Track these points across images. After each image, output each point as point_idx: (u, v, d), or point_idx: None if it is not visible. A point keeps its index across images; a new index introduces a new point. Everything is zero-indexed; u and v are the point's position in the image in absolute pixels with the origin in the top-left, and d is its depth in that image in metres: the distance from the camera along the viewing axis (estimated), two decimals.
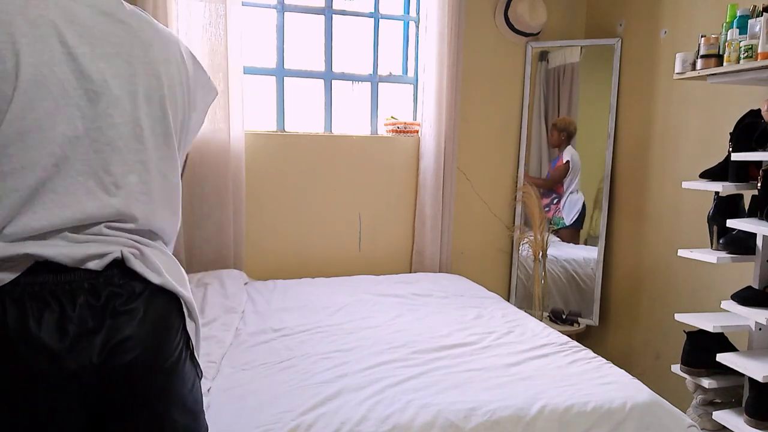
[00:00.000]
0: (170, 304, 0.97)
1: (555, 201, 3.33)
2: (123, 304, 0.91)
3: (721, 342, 2.13)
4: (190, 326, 1.01)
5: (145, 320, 0.92)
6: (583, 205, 3.28)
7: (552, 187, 3.33)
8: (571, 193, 3.29)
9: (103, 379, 0.89)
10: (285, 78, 3.03)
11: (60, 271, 0.88)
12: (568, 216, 3.30)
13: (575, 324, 3.17)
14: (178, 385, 0.98)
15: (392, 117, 3.20)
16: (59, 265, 0.88)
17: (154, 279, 0.94)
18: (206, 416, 1.48)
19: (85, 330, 0.87)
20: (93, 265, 0.90)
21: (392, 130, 3.17)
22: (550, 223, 3.32)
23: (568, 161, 3.29)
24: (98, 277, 0.90)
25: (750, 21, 1.96)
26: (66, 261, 0.88)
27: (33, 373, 0.86)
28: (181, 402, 0.98)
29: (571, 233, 3.32)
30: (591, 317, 3.21)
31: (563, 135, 3.28)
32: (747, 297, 1.95)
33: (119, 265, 0.92)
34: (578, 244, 3.32)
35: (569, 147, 3.30)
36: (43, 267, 0.88)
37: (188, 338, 1.01)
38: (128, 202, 0.94)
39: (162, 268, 0.95)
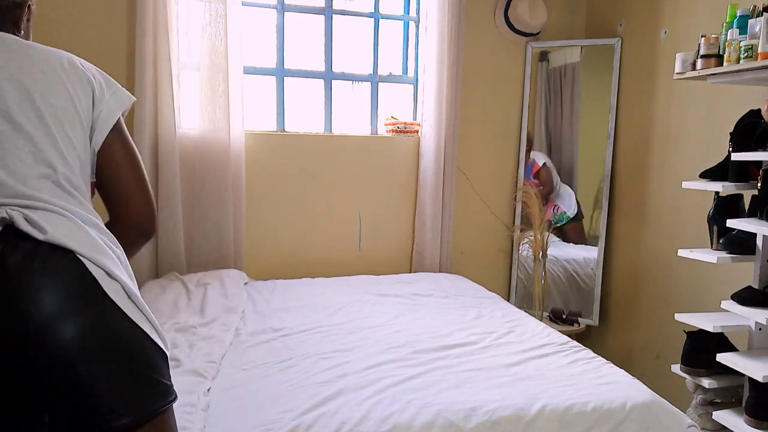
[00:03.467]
0: (61, 257, 0.92)
1: (546, 202, 3.34)
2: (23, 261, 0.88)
3: (721, 342, 2.13)
4: (108, 284, 0.93)
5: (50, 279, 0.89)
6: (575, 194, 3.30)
7: (549, 194, 3.34)
8: (562, 187, 3.30)
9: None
10: (285, 78, 3.03)
11: None
12: (569, 209, 3.30)
13: (575, 324, 3.17)
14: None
15: (392, 117, 3.20)
16: None
17: (39, 236, 0.91)
18: (206, 416, 1.49)
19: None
20: None
21: (392, 130, 3.17)
22: (554, 222, 3.32)
23: (545, 163, 3.32)
24: None
25: (750, 21, 1.96)
26: None
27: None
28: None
29: (576, 227, 3.31)
30: (591, 317, 3.21)
31: (527, 144, 3.33)
32: (747, 297, 1.95)
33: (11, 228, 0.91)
34: (583, 240, 3.32)
35: (534, 151, 3.33)
36: None
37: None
38: None
39: (47, 226, 0.92)
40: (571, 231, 3.35)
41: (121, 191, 1.13)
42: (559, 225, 3.33)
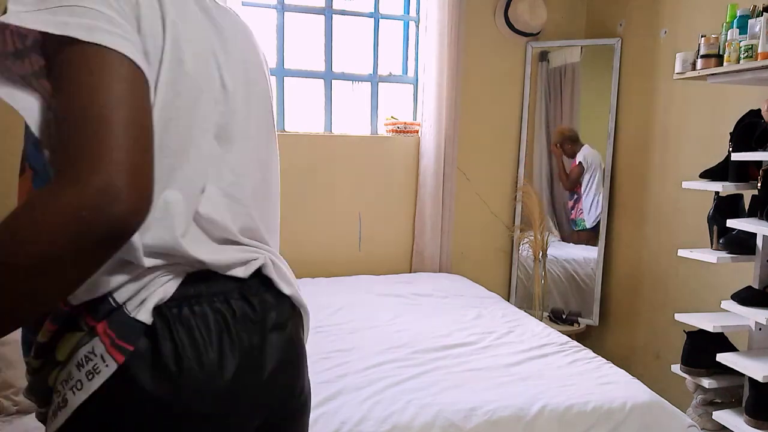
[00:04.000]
0: (298, 318, 0.90)
1: (576, 200, 3.33)
2: (274, 317, 0.82)
3: (721, 342, 2.13)
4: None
5: (287, 335, 0.84)
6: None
7: (571, 188, 3.34)
8: (594, 194, 3.26)
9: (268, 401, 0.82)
10: (285, 78, 3.03)
11: (209, 279, 0.76)
12: (590, 219, 3.29)
13: (575, 324, 3.17)
14: (309, 409, 0.95)
15: (392, 117, 3.20)
16: (208, 273, 0.76)
17: (285, 290, 0.85)
18: None
19: (253, 348, 0.78)
20: (239, 272, 0.78)
21: (392, 130, 3.17)
22: (575, 224, 3.33)
23: (580, 162, 3.30)
24: (244, 287, 0.79)
25: (750, 21, 1.96)
26: (217, 267, 0.76)
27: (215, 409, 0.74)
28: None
29: (590, 236, 3.29)
30: (591, 317, 3.21)
31: (568, 143, 3.30)
32: (747, 297, 1.95)
33: (257, 274, 0.82)
34: (584, 242, 3.31)
35: (583, 148, 3.29)
36: (192, 276, 0.75)
37: None
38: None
39: (291, 278, 0.88)
40: (584, 235, 3.33)
41: None
42: (577, 229, 3.33)
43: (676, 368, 2.20)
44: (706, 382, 2.08)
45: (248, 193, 0.82)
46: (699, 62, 2.13)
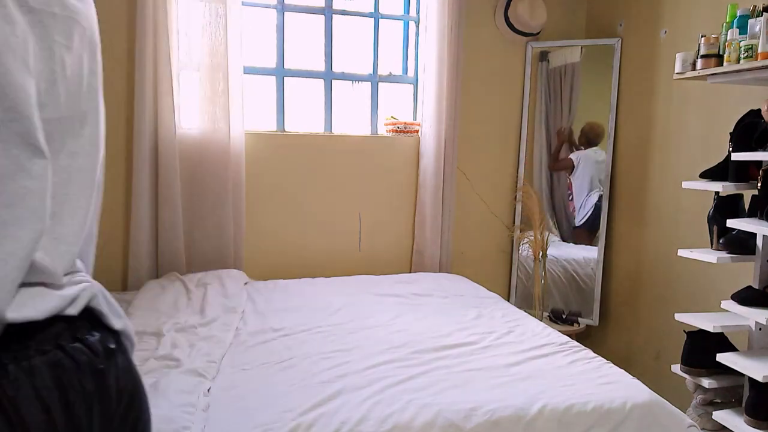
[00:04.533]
0: (130, 353, 0.73)
1: (570, 198, 3.34)
2: (111, 358, 0.67)
3: (721, 342, 2.13)
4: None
5: (128, 378, 0.69)
6: (596, 207, 3.22)
7: (553, 168, 3.34)
8: (585, 195, 3.26)
9: None
10: (285, 78, 3.03)
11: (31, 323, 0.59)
12: (578, 218, 3.29)
13: (575, 324, 3.17)
14: None
15: (392, 117, 3.20)
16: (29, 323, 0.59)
17: (116, 324, 0.69)
18: (206, 416, 1.49)
19: (102, 398, 0.63)
20: (69, 310, 0.63)
21: (392, 130, 3.17)
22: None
23: (571, 158, 3.30)
24: (74, 326, 0.63)
25: (750, 21, 1.96)
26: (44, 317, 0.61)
27: None
28: None
29: (584, 234, 3.29)
30: (591, 317, 3.21)
31: (584, 137, 3.29)
32: (747, 297, 1.95)
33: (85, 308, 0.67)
34: (582, 242, 3.31)
35: (587, 150, 3.29)
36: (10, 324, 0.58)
37: None
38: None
39: (119, 308, 0.72)
40: (579, 233, 3.33)
41: None
42: (573, 226, 3.34)
43: (676, 368, 2.20)
44: (706, 382, 2.08)
45: (71, 228, 0.64)
46: (699, 62, 2.13)
